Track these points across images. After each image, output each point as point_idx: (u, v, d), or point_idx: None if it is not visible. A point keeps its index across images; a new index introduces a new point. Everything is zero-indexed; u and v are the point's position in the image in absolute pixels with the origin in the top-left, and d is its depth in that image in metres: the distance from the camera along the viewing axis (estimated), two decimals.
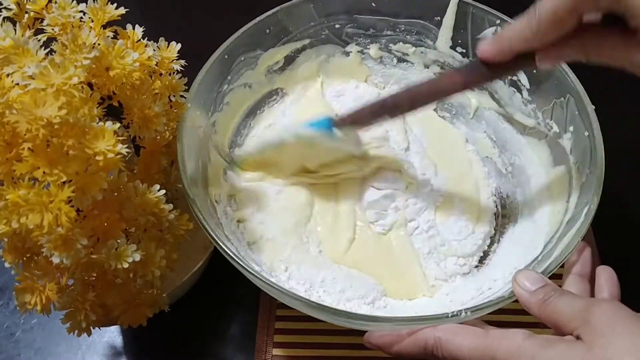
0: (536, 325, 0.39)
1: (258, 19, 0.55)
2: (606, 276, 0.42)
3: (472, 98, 0.60)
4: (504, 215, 0.56)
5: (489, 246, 0.54)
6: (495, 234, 0.55)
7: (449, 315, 0.39)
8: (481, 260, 0.54)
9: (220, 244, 0.42)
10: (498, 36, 0.40)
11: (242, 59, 0.55)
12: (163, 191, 0.42)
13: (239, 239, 0.51)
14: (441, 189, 0.56)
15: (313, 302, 0.41)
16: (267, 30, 0.56)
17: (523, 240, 0.52)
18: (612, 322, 0.34)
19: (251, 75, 0.57)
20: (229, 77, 0.55)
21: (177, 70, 0.45)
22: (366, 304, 0.49)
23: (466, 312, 0.39)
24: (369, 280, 0.51)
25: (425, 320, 0.39)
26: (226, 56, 0.53)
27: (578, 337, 0.34)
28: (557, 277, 0.41)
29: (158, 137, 0.46)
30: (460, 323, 0.39)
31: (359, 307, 0.49)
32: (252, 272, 0.41)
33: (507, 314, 0.48)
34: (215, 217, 0.49)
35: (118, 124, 0.37)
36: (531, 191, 0.54)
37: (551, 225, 0.48)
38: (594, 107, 0.48)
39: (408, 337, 0.39)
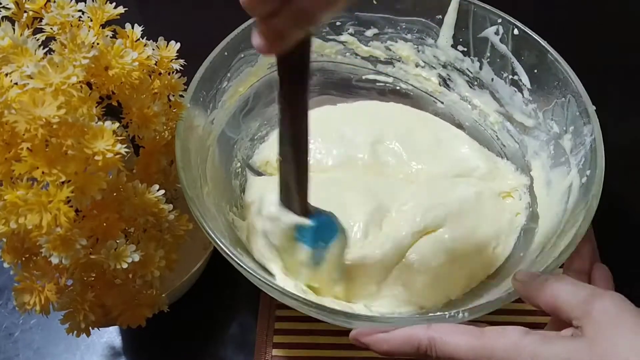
0: (536, 326, 0.38)
1: None
2: (600, 274, 0.42)
3: (474, 97, 0.59)
4: None
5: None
6: None
7: (447, 316, 0.39)
8: None
9: (220, 243, 0.42)
10: None
11: (242, 56, 0.55)
12: (162, 191, 0.42)
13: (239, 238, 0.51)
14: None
15: (311, 301, 0.41)
16: None
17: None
18: (616, 317, 0.33)
19: (251, 72, 0.57)
20: (228, 74, 0.54)
21: (176, 70, 0.45)
22: None
23: (464, 313, 0.39)
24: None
25: (423, 320, 0.39)
26: (226, 53, 0.53)
27: (577, 327, 0.34)
28: None
29: (157, 137, 0.46)
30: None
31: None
32: (251, 271, 0.41)
33: (506, 315, 0.48)
34: (215, 216, 0.49)
35: (117, 124, 0.37)
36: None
37: (550, 227, 0.47)
38: (594, 107, 0.48)
39: (395, 334, 0.38)
